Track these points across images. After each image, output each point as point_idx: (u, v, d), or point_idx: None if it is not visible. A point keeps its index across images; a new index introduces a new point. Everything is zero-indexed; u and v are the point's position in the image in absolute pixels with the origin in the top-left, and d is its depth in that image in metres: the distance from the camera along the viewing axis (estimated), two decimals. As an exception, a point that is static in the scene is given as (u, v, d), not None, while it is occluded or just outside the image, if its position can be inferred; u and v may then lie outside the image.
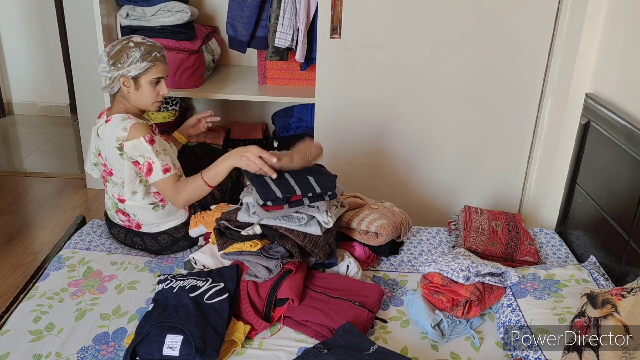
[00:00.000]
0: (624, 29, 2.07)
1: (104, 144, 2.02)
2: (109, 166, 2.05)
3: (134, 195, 2.04)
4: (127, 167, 1.98)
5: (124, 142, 1.94)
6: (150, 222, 2.12)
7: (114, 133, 1.97)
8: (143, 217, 2.11)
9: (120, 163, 1.99)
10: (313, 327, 1.70)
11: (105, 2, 2.66)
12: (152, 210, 2.10)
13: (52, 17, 4.54)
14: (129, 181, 2.01)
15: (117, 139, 1.96)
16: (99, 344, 1.64)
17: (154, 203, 2.10)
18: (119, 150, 1.97)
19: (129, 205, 2.09)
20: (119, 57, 1.95)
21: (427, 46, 2.50)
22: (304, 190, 1.84)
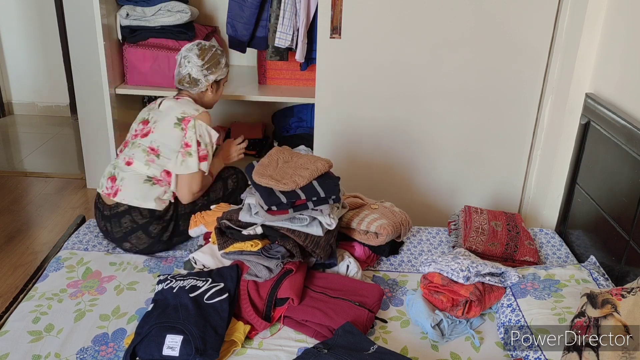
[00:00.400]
0: (624, 29, 2.07)
1: (161, 114, 2.17)
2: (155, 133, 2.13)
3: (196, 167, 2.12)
4: (177, 137, 2.11)
5: (192, 118, 2.12)
6: (128, 191, 2.09)
7: (182, 107, 2.16)
8: (127, 185, 2.10)
9: (170, 132, 2.12)
10: (313, 327, 1.70)
11: (105, 2, 2.66)
12: (140, 182, 2.10)
13: (52, 17, 4.53)
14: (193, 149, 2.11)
15: (183, 112, 2.14)
16: (99, 345, 1.64)
17: (150, 178, 2.11)
18: (178, 121, 2.12)
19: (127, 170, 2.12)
20: (214, 62, 2.24)
21: (427, 46, 2.50)
22: (308, 195, 1.84)
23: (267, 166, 1.93)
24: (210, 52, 2.24)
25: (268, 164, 1.95)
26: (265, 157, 2.00)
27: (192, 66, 2.21)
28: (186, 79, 2.23)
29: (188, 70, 2.21)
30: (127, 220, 2.10)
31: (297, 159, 1.98)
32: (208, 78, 2.24)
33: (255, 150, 3.28)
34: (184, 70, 2.22)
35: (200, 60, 2.21)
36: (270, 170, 1.91)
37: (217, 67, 2.25)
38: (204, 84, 2.24)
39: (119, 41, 2.86)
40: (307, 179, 1.85)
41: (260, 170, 1.90)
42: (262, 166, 1.93)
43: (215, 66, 2.24)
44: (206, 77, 2.23)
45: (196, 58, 2.21)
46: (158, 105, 2.23)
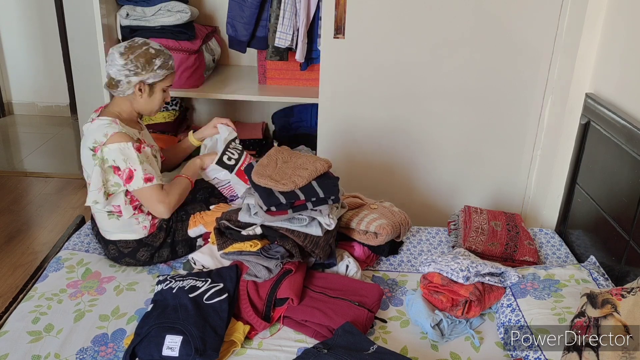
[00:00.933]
0: (624, 29, 2.07)
1: (83, 142, 1.98)
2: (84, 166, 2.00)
3: (95, 205, 1.94)
4: (96, 173, 1.90)
5: (100, 146, 1.89)
6: (104, 227, 2.04)
7: (93, 135, 1.92)
8: (100, 221, 2.05)
9: (90, 166, 1.93)
10: (313, 327, 1.70)
11: (105, 2, 2.66)
12: (107, 219, 2.01)
13: (52, 17, 4.54)
14: (93, 187, 1.91)
15: (94, 141, 1.91)
16: (98, 345, 1.64)
17: (110, 212, 1.99)
18: (92, 152, 1.91)
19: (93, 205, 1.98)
20: (140, 62, 1.95)
21: (429, 46, 2.50)
22: (308, 195, 1.84)
23: (266, 166, 1.93)
24: (139, 51, 1.95)
25: (267, 164, 1.95)
26: (265, 157, 2.00)
27: (112, 66, 1.96)
28: (109, 80, 2.00)
29: (108, 70, 1.98)
30: (112, 248, 2.04)
31: (296, 159, 1.97)
32: (130, 80, 1.96)
33: (255, 150, 3.28)
34: (107, 69, 1.99)
35: (121, 59, 1.94)
36: (269, 170, 1.91)
37: (145, 67, 1.95)
38: (125, 86, 1.97)
39: (119, 41, 2.85)
40: (306, 179, 1.85)
41: (260, 170, 1.90)
42: (261, 166, 1.93)
43: (144, 67, 1.95)
44: (128, 79, 1.95)
45: (118, 56, 1.95)
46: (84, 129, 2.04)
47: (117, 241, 2.02)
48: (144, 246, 2.04)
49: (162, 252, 2.06)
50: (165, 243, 2.06)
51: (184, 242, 2.10)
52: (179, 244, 2.09)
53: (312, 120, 3.12)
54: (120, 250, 2.03)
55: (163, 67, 1.99)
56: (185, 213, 2.13)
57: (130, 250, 2.03)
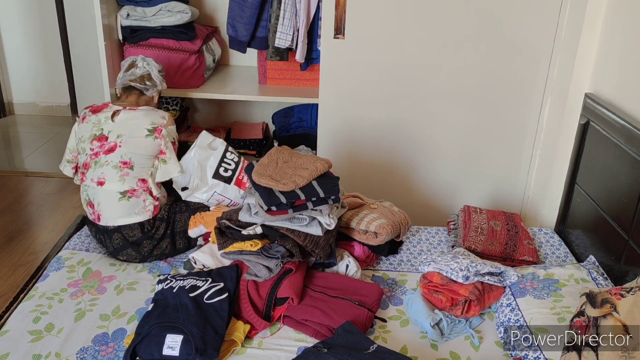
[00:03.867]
0: (624, 29, 2.07)
1: (124, 127, 2.13)
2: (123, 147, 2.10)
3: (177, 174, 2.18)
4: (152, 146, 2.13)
5: (162, 127, 2.15)
6: (110, 214, 2.07)
7: (147, 117, 2.16)
8: (105, 208, 2.07)
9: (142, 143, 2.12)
10: (313, 326, 1.71)
11: (105, 3, 2.66)
12: (117, 201, 2.06)
13: (53, 17, 4.53)
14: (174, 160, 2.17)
15: (151, 122, 2.15)
16: (99, 345, 1.64)
17: (124, 194, 2.07)
18: (150, 132, 2.13)
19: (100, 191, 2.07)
20: (163, 76, 2.36)
21: (429, 47, 2.50)
22: (308, 195, 1.84)
23: (267, 166, 1.93)
24: (160, 66, 2.38)
25: (268, 164, 1.95)
26: (265, 157, 2.00)
27: (152, 67, 2.29)
28: (144, 78, 2.27)
29: (148, 70, 2.28)
30: (117, 237, 2.07)
31: (297, 159, 1.98)
32: (163, 84, 2.34)
33: (255, 150, 3.29)
34: (141, 70, 2.27)
35: (159, 65, 2.34)
36: (269, 170, 1.91)
37: (163, 80, 2.36)
38: (157, 88, 2.31)
39: (120, 41, 2.86)
40: (306, 179, 1.86)
41: (260, 170, 1.91)
42: (262, 166, 1.93)
43: (163, 80, 2.35)
44: (161, 83, 2.33)
45: (154, 62, 2.32)
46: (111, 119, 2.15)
47: (123, 227, 2.05)
48: (148, 238, 2.06)
49: (162, 244, 2.09)
50: (165, 234, 2.10)
51: (183, 234, 2.13)
52: (177, 235, 2.12)
53: (312, 120, 3.13)
54: (125, 239, 2.05)
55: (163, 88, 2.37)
56: (185, 205, 2.17)
57: (135, 240, 2.05)
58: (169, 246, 2.10)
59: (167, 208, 2.16)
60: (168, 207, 2.16)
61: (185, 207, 2.17)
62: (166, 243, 2.10)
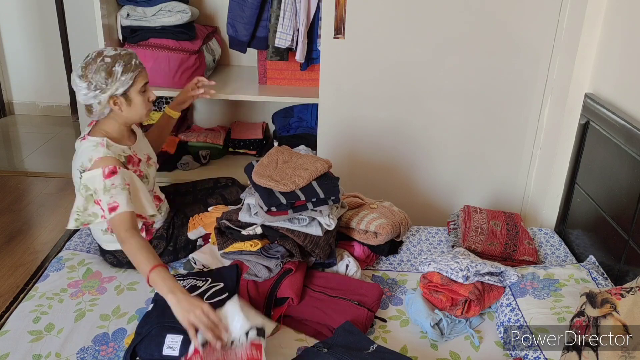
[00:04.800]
0: (624, 29, 2.07)
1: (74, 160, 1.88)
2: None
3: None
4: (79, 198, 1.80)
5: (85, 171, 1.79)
6: (99, 239, 2.02)
7: (81, 157, 1.83)
8: (94, 233, 2.02)
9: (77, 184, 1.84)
10: (313, 326, 1.71)
11: (105, 3, 2.66)
12: (101, 233, 1.98)
13: (53, 17, 4.54)
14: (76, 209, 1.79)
15: (81, 164, 1.81)
16: (99, 345, 1.64)
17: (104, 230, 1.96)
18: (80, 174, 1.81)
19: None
20: (100, 77, 1.78)
21: (429, 46, 2.50)
22: (308, 196, 1.84)
23: (267, 166, 1.93)
24: (95, 66, 1.78)
25: (267, 164, 1.95)
26: (265, 157, 2.00)
27: (78, 92, 1.82)
28: (94, 109, 1.86)
29: (78, 98, 1.84)
30: (110, 258, 2.03)
31: (297, 159, 1.98)
32: (100, 100, 1.81)
33: (255, 150, 3.29)
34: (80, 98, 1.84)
35: (83, 82, 1.79)
36: (269, 170, 1.91)
37: (107, 80, 1.79)
38: (99, 107, 1.84)
39: (120, 41, 2.86)
40: (306, 180, 1.86)
41: (260, 170, 1.91)
42: (262, 166, 1.94)
43: (106, 81, 1.78)
44: (97, 99, 1.81)
45: (79, 81, 1.80)
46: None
47: (115, 251, 1.98)
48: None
49: (164, 260, 1.99)
50: (166, 251, 2.05)
51: (186, 248, 2.08)
52: (180, 251, 2.07)
53: (312, 120, 3.13)
54: (118, 259, 2.01)
55: (126, 72, 1.80)
56: (184, 216, 2.12)
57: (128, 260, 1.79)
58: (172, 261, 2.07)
59: (166, 225, 2.05)
60: (167, 224, 2.06)
61: (185, 220, 2.09)
62: (167, 259, 2.05)
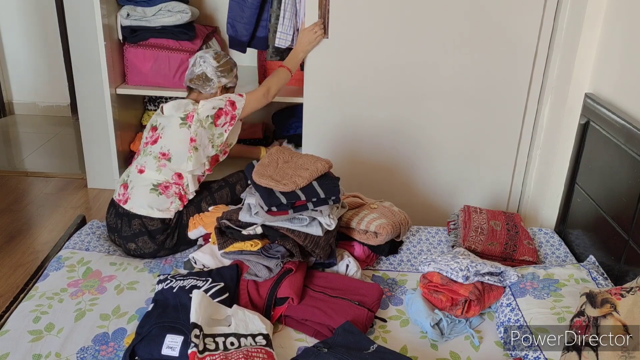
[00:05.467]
0: (623, 29, 2.07)
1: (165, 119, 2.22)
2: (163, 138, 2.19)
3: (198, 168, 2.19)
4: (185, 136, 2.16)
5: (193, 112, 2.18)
6: (137, 201, 2.14)
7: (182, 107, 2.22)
8: (135, 194, 2.14)
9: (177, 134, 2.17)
10: (313, 326, 1.71)
11: (105, 2, 2.67)
12: (147, 192, 2.14)
13: (53, 17, 4.54)
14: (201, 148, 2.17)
15: (184, 110, 2.20)
16: (99, 344, 1.64)
17: (156, 186, 2.15)
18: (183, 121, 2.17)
19: (139, 178, 2.17)
20: (227, 67, 2.34)
21: (429, 46, 2.50)
22: (308, 196, 1.84)
23: (267, 166, 1.93)
24: (225, 59, 2.35)
25: (268, 164, 1.95)
26: (265, 157, 2.01)
27: (207, 65, 2.29)
28: (200, 78, 2.30)
29: (203, 69, 2.29)
30: (136, 223, 2.12)
31: (297, 159, 1.98)
32: (221, 80, 2.32)
33: (255, 150, 3.29)
34: (198, 69, 2.30)
35: (215, 62, 2.30)
36: (270, 170, 1.91)
37: (229, 73, 2.35)
38: (216, 85, 2.31)
39: (120, 41, 2.86)
40: (307, 180, 1.86)
41: (260, 170, 1.91)
42: (262, 166, 1.94)
43: (228, 72, 2.34)
44: (219, 79, 2.31)
45: (212, 59, 2.30)
46: (162, 111, 2.27)
47: (144, 216, 2.12)
48: (167, 229, 2.13)
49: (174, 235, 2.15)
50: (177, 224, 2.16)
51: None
52: (186, 228, 2.17)
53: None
54: (144, 225, 2.12)
55: (236, 76, 2.41)
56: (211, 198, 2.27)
57: (153, 230, 2.12)
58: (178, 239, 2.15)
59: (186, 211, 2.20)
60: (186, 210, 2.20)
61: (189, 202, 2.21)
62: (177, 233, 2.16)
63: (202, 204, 2.23)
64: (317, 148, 2.69)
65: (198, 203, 2.23)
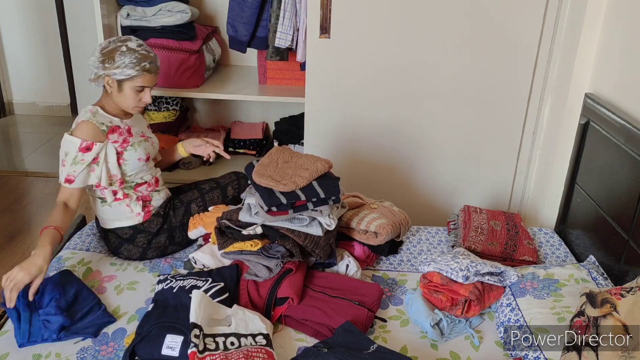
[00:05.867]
0: (623, 29, 2.07)
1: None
2: None
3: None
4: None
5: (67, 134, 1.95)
6: (100, 216, 2.09)
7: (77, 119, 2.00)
8: (96, 210, 2.10)
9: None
10: (313, 326, 1.71)
11: (105, 2, 2.67)
12: (100, 207, 2.07)
13: (53, 17, 4.54)
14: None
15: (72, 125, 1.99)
16: (99, 344, 1.64)
17: (101, 198, 2.05)
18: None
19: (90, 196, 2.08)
20: (109, 57, 1.93)
21: (429, 46, 2.49)
22: (308, 196, 1.84)
23: (267, 166, 1.94)
24: (113, 46, 1.95)
25: (268, 164, 1.95)
26: (266, 157, 2.01)
27: (92, 58, 1.98)
28: (91, 75, 2.01)
29: (90, 62, 1.99)
30: (112, 236, 2.09)
31: (297, 159, 1.98)
32: (97, 72, 1.96)
33: (255, 150, 3.29)
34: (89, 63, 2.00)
35: (98, 52, 1.96)
36: (270, 170, 1.91)
37: (109, 63, 1.93)
38: (95, 77, 1.99)
39: (120, 41, 2.86)
40: (307, 180, 1.86)
41: (260, 170, 1.91)
42: (262, 166, 1.94)
43: (109, 62, 1.93)
44: (96, 70, 1.97)
45: (99, 50, 1.97)
46: None
47: (115, 229, 2.07)
48: (141, 232, 2.07)
49: (160, 239, 2.10)
50: (162, 229, 2.10)
51: (181, 227, 2.13)
52: (175, 230, 2.12)
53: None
54: (120, 237, 2.07)
55: (130, 67, 1.93)
56: (179, 201, 2.17)
57: (129, 237, 2.07)
58: (167, 240, 2.11)
59: (164, 205, 2.14)
60: (164, 204, 2.14)
61: (179, 204, 2.17)
62: (163, 237, 2.10)
63: (192, 205, 2.17)
64: (317, 148, 2.69)
65: (188, 204, 2.17)
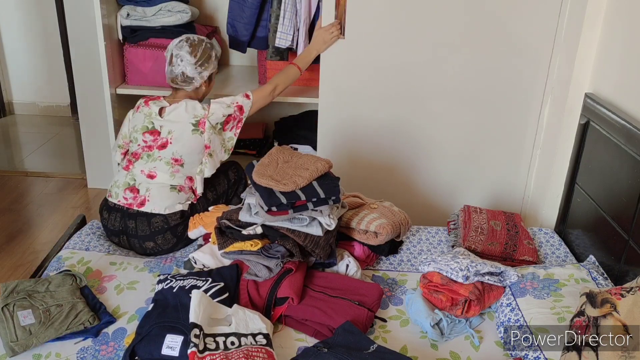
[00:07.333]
0: (624, 29, 2.07)
1: (172, 124, 2.20)
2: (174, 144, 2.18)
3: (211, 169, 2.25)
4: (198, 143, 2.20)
5: (204, 119, 2.19)
6: (157, 203, 2.16)
7: (191, 112, 2.20)
8: (155, 195, 2.15)
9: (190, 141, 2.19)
10: (313, 326, 1.71)
11: (105, 2, 2.66)
12: (168, 192, 2.17)
13: (53, 17, 4.54)
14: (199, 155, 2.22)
15: (194, 116, 2.20)
16: (99, 344, 1.64)
17: (174, 187, 2.19)
18: (194, 127, 2.19)
19: (151, 182, 2.17)
20: (205, 58, 2.24)
21: (430, 46, 2.50)
22: (308, 196, 1.84)
23: (267, 166, 1.93)
24: (201, 47, 2.25)
25: (268, 163, 1.95)
26: (266, 157, 2.00)
27: (185, 65, 2.22)
28: (180, 78, 2.25)
29: (182, 69, 2.22)
30: (158, 220, 2.14)
31: (297, 159, 1.98)
32: (202, 75, 2.26)
33: (255, 150, 3.29)
34: (177, 69, 2.23)
35: (193, 58, 2.22)
36: (270, 170, 1.91)
37: (209, 62, 2.26)
38: (199, 81, 2.27)
39: (120, 41, 2.86)
40: (307, 180, 1.86)
41: (260, 170, 1.91)
42: (262, 166, 1.94)
43: (208, 61, 2.25)
44: (200, 74, 2.25)
45: (189, 56, 2.22)
46: (159, 115, 2.22)
47: (168, 215, 2.16)
48: (185, 220, 2.19)
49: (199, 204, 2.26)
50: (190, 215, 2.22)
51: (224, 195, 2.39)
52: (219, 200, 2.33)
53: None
54: (167, 222, 2.15)
55: (216, 58, 2.31)
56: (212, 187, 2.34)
57: (176, 224, 2.16)
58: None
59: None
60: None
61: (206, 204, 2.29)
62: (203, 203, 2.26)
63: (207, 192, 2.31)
64: (325, 148, 2.70)
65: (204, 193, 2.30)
